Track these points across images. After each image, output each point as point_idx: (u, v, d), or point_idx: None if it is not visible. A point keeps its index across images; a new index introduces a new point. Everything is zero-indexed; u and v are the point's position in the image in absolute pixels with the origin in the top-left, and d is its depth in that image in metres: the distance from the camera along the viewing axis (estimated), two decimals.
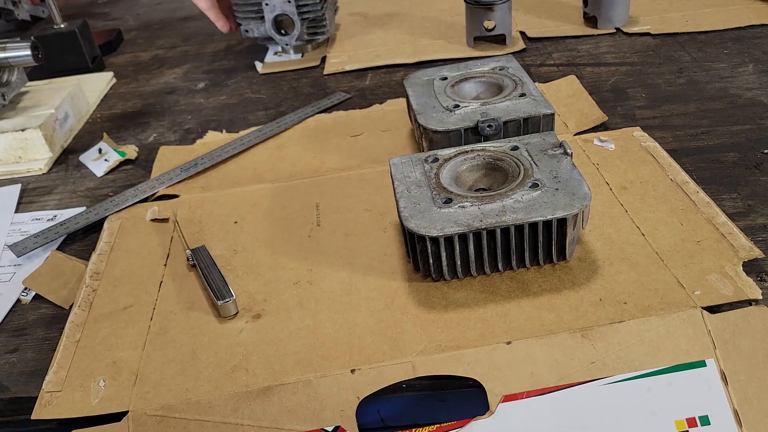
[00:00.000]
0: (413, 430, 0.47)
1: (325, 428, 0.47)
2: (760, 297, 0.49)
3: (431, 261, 0.53)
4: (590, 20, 0.99)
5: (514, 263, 0.54)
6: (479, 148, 0.59)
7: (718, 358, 0.46)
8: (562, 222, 0.51)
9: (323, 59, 1.03)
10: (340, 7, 1.23)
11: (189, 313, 0.57)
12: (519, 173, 0.55)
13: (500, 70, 0.73)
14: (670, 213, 0.59)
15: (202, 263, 0.60)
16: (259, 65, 1.05)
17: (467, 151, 0.59)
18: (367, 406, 0.48)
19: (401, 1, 1.21)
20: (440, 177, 0.56)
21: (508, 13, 0.95)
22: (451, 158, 0.58)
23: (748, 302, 0.49)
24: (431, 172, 0.57)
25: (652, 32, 0.95)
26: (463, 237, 0.51)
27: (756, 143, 0.68)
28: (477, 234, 0.51)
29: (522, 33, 1.01)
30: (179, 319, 0.57)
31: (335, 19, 1.17)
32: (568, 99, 0.81)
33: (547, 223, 0.51)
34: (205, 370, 0.51)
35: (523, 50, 0.96)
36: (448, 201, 0.53)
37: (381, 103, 0.87)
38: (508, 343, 0.49)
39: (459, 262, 0.53)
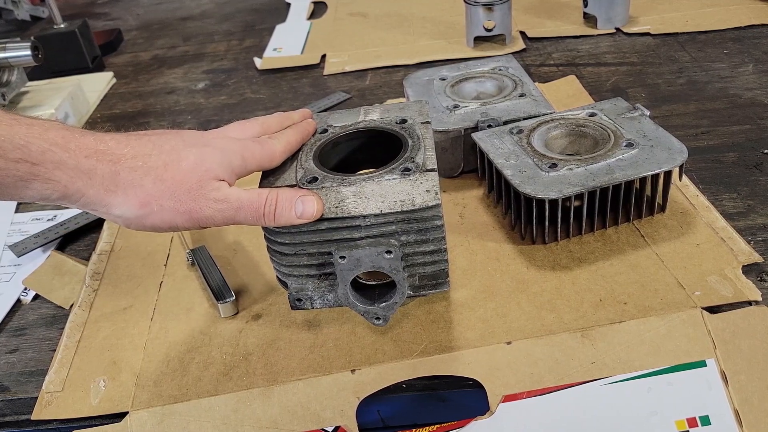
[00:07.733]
0: (413, 430, 0.47)
1: (325, 428, 0.47)
2: (760, 299, 0.49)
3: (547, 224, 0.54)
4: (590, 20, 0.99)
5: (608, 223, 0.57)
6: (558, 117, 0.61)
7: (718, 358, 0.46)
8: (668, 174, 0.55)
9: (323, 58, 1.03)
10: (340, 7, 1.23)
11: (189, 313, 0.57)
12: (608, 135, 0.57)
13: (500, 70, 0.73)
14: (669, 216, 0.59)
15: (202, 263, 0.60)
16: (258, 61, 1.05)
17: (548, 121, 0.61)
18: (367, 406, 0.48)
19: (401, 1, 1.21)
20: (534, 146, 0.58)
21: (508, 13, 0.95)
22: (535, 128, 0.60)
23: (748, 303, 0.49)
24: (523, 142, 0.58)
25: (652, 32, 0.95)
26: (567, 200, 0.54)
27: (756, 143, 0.68)
28: (591, 193, 0.53)
29: (522, 33, 1.01)
30: (179, 319, 0.56)
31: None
32: (568, 99, 0.81)
33: (649, 178, 0.54)
34: (205, 370, 0.51)
35: (523, 50, 0.96)
36: (554, 165, 0.54)
37: (381, 103, 0.87)
38: (508, 343, 0.49)
39: (572, 223, 0.56)
